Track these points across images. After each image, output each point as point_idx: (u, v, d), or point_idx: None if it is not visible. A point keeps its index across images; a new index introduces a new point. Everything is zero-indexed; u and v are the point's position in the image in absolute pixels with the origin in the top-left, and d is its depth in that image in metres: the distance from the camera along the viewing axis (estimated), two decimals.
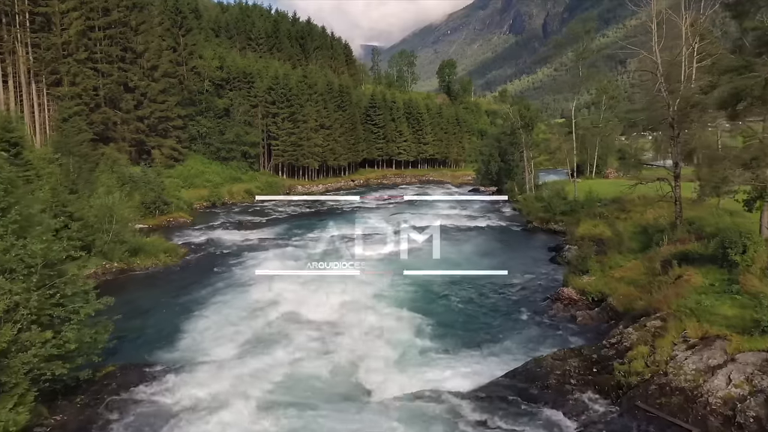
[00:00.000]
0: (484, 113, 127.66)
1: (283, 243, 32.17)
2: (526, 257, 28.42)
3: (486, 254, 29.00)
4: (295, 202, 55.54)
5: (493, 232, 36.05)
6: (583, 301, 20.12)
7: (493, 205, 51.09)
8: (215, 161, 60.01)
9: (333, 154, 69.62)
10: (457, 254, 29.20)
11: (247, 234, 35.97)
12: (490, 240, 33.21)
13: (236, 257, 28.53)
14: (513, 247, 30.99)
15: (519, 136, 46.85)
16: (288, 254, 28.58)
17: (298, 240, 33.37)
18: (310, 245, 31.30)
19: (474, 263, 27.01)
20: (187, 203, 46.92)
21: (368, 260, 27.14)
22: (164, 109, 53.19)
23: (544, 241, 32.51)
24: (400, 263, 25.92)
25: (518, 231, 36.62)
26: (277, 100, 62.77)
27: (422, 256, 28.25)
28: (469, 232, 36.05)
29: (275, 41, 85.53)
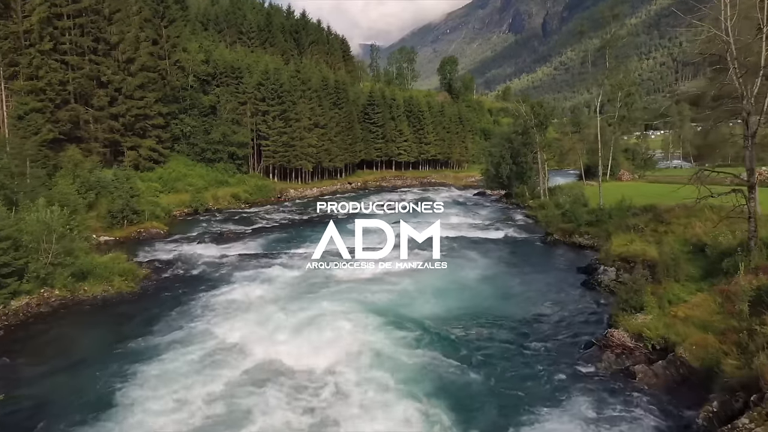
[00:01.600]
0: (486, 112, 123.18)
1: (265, 262, 27.49)
2: (551, 280, 23.80)
3: (502, 277, 24.35)
4: (285, 209, 50.94)
5: (508, 247, 31.42)
6: (640, 350, 15.49)
7: (504, 212, 46.49)
8: (200, 163, 55.29)
9: (328, 155, 64.95)
10: (468, 275, 24.62)
11: (226, 248, 31.30)
12: (506, 257, 28.55)
13: (206, 281, 23.88)
14: (534, 267, 26.34)
15: (532, 136, 42.27)
16: (266, 278, 23.90)
17: (283, 257, 28.72)
18: (294, 265, 26.65)
19: (489, 290, 22.44)
20: (165, 210, 42.28)
21: (361, 287, 22.59)
22: (142, 106, 48.46)
23: (569, 259, 27.89)
24: (399, 292, 21.38)
25: (537, 245, 31.98)
26: (268, 97, 58.08)
27: (424, 279, 23.72)
28: (481, 246, 31.40)
29: (268, 35, 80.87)
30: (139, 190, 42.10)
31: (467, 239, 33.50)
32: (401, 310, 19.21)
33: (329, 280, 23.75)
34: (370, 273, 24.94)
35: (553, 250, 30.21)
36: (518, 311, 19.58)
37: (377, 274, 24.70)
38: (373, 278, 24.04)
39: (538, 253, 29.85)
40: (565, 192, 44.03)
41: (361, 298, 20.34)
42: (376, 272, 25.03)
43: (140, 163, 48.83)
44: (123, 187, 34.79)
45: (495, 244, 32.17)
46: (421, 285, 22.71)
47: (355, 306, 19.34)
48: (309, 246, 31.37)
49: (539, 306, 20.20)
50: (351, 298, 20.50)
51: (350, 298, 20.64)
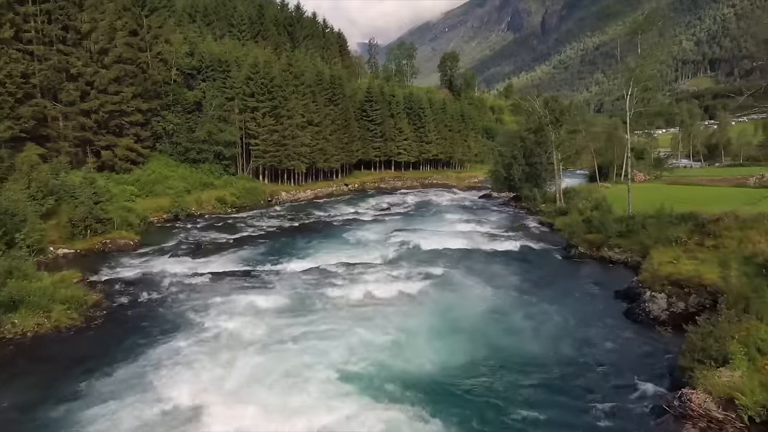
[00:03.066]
0: (489, 109, 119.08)
1: (244, 283, 23.24)
2: (584, 309, 19.62)
3: (523, 304, 20.14)
4: (275, 214, 46.74)
5: (526, 262, 27.24)
6: (733, 424, 11.42)
7: (515, 218, 42.35)
8: (184, 164, 51.03)
9: (323, 155, 60.72)
10: (481, 301, 20.49)
11: (202, 263, 27.08)
12: (524, 276, 24.33)
13: (168, 309, 19.66)
14: (560, 289, 22.13)
15: (547, 134, 38.15)
16: (242, 307, 19.66)
17: (266, 276, 24.49)
18: (278, 287, 22.42)
19: (508, 322, 18.27)
20: (141, 217, 38.05)
21: (352, 321, 18.45)
22: (118, 102, 44.14)
23: (602, 279, 23.74)
24: (397, 329, 17.20)
25: (558, 259, 27.82)
26: (257, 92, 53.80)
27: (427, 307, 19.64)
28: (493, 261, 27.26)
29: (260, 28, 76.53)
30: (110, 194, 37.99)
31: (477, 252, 29.37)
32: (398, 358, 15.05)
33: (316, 309, 19.53)
34: (364, 297, 20.82)
35: (579, 267, 26.03)
36: (550, 355, 15.49)
37: (372, 300, 20.57)
38: (367, 306, 19.88)
39: (563, 271, 25.65)
40: (583, 195, 40.01)
41: (352, 342, 16.13)
42: (372, 297, 20.92)
43: (116, 164, 44.59)
44: (85, 192, 30.49)
45: (509, 258, 28.01)
46: (424, 317, 18.55)
47: (341, 354, 15.17)
48: (297, 261, 27.27)
49: (576, 347, 16.09)
50: (339, 339, 16.34)
51: (338, 337, 16.47)
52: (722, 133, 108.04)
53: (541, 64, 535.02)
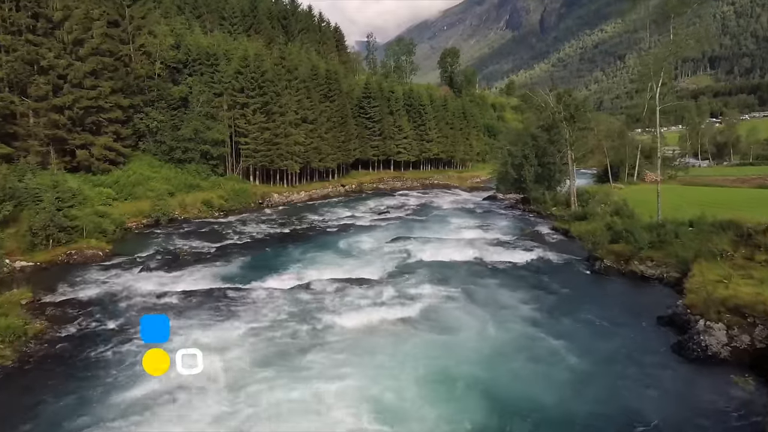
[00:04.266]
0: (490, 107, 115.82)
1: (220, 304, 19.87)
2: (621, 340, 16.29)
3: (547, 333, 16.81)
4: (266, 218, 43.41)
5: (544, 277, 23.89)
6: None
7: (525, 223, 39.07)
8: (168, 164, 47.59)
9: (318, 154, 57.31)
10: (496, 329, 17.19)
11: (176, 277, 23.77)
12: (544, 295, 21.01)
13: (124, 343, 16.27)
14: (588, 314, 18.67)
15: (561, 132, 34.87)
16: (212, 338, 16.34)
17: (247, 294, 21.09)
18: (259, 310, 19.09)
19: (533, 360, 14.98)
20: (117, 222, 34.63)
21: (342, 350, 15.25)
22: (94, 97, 40.65)
23: (637, 300, 20.47)
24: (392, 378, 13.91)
25: (582, 273, 24.51)
26: (247, 87, 50.36)
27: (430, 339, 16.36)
28: (506, 277, 23.94)
29: (253, 21, 73.08)
30: (83, 197, 34.72)
31: (485, 265, 26.07)
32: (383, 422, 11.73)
33: (298, 340, 16.24)
34: (355, 327, 17.53)
35: (606, 284, 22.71)
36: (582, 410, 12.22)
37: (365, 331, 17.27)
38: (358, 337, 16.58)
39: (588, 290, 22.30)
40: (600, 199, 36.73)
41: (339, 389, 12.86)
42: (365, 327, 17.62)
43: (93, 164, 41.14)
44: (47, 197, 27.08)
45: (523, 272, 24.69)
46: (427, 354, 15.21)
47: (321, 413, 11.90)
48: (285, 276, 23.95)
49: (617, 398, 12.88)
50: (324, 382, 13.08)
51: (324, 380, 13.22)
52: (731, 131, 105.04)
53: (539, 62, 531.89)
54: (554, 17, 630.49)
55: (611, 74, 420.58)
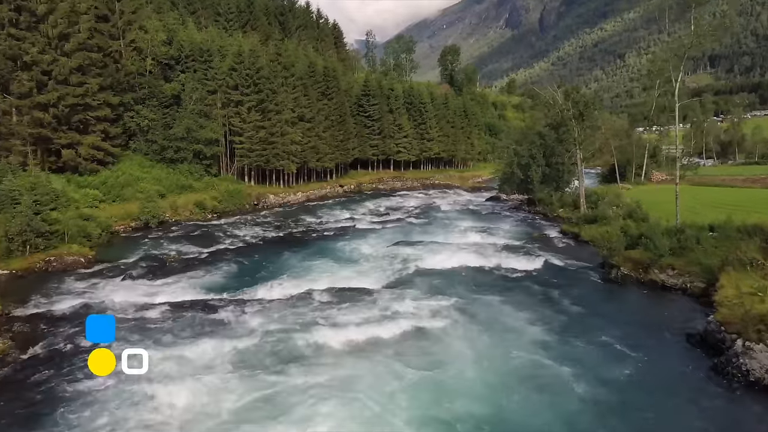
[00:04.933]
0: (491, 105, 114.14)
1: (205, 318, 18.13)
2: (649, 362, 14.58)
3: (564, 354, 15.09)
4: (261, 220, 41.71)
5: (555, 286, 22.16)
6: None
7: (531, 225, 37.41)
8: (159, 164, 45.86)
9: (315, 154, 55.58)
10: (506, 349, 15.49)
11: (159, 288, 22.09)
12: (557, 307, 19.32)
13: None
14: (607, 329, 16.89)
15: (571, 131, 33.19)
16: (193, 360, 14.65)
17: (236, 307, 19.35)
18: (246, 325, 17.40)
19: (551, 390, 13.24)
20: (103, 226, 32.95)
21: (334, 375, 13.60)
22: (81, 94, 38.92)
23: (660, 314, 18.76)
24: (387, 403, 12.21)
25: (596, 283, 22.82)
26: (242, 84, 48.60)
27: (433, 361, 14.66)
28: (514, 286, 22.27)
29: (249, 17, 71.28)
30: (67, 199, 33.04)
31: (492, 273, 24.44)
32: None
33: (288, 363, 14.56)
34: (351, 345, 15.90)
35: (625, 295, 21.03)
36: None
37: (359, 349, 15.65)
38: (351, 360, 14.92)
39: (605, 301, 20.59)
40: (610, 200, 35.05)
41: None
42: (359, 343, 16.03)
43: (80, 164, 39.43)
44: (24, 200, 25.35)
45: (533, 281, 22.98)
46: (422, 386, 13.48)
47: None
48: (277, 285, 22.19)
49: None
50: (301, 423, 11.39)
51: (300, 421, 11.52)
52: (736, 129, 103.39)
53: (539, 61, 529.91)
54: (554, 16, 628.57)
55: (611, 73, 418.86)
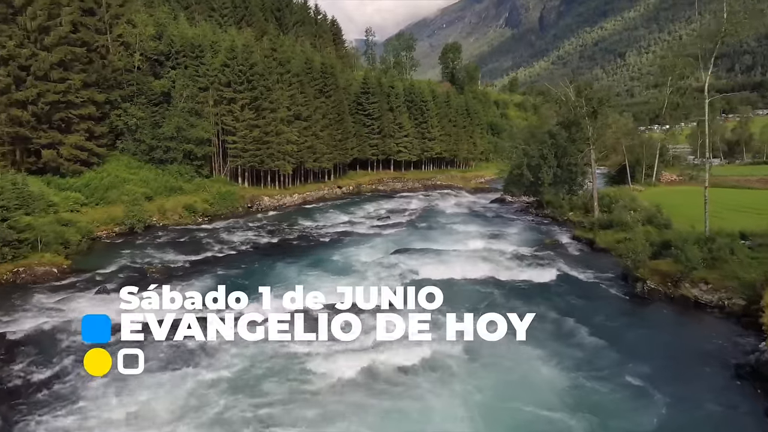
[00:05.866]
0: (493, 104, 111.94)
1: (177, 342, 15.95)
2: (692, 405, 12.37)
3: (591, 395, 12.95)
4: (255, 224, 39.51)
5: (575, 303, 19.98)
6: None
7: (540, 230, 35.23)
8: (148, 164, 43.62)
9: (312, 154, 53.35)
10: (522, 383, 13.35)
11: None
12: (579, 329, 17.09)
13: (60, 406, 12.41)
14: (639, 357, 14.75)
15: (584, 129, 31.00)
16: (164, 398, 12.49)
17: (215, 328, 17.10)
18: (227, 352, 15.24)
19: None
20: (84, 232, 30.77)
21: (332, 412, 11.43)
22: (63, 91, 36.68)
23: (698, 337, 16.57)
24: None
25: (621, 299, 20.60)
26: (234, 81, 46.33)
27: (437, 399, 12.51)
28: (530, 302, 20.00)
29: (244, 13, 69.00)
30: (46, 203, 30.89)
31: (502, 286, 22.23)
32: None
33: (273, 403, 12.39)
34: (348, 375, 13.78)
35: (654, 314, 18.79)
36: None
37: (359, 381, 13.51)
38: (351, 394, 12.77)
39: (633, 322, 18.30)
40: (626, 204, 32.80)
41: None
42: (359, 373, 13.93)
43: (62, 165, 37.20)
44: None
45: (548, 297, 20.75)
46: None
47: None
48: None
49: None
50: None
51: None
52: (743, 128, 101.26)
53: (539, 60, 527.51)
54: (554, 15, 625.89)
55: (611, 72, 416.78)
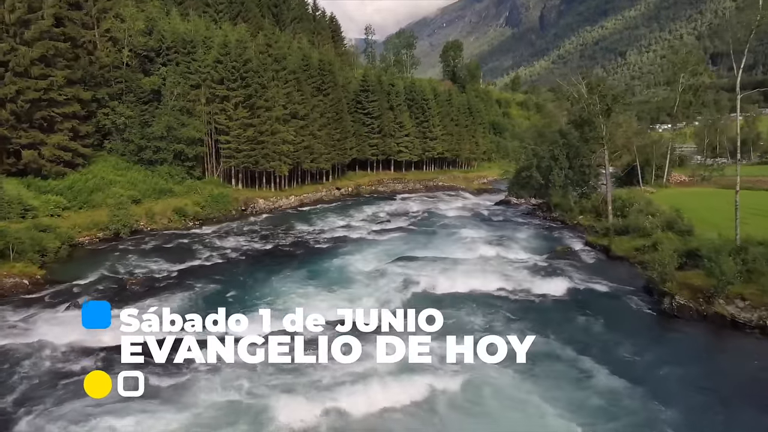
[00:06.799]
0: (495, 103, 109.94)
1: (147, 373, 13.98)
2: None
3: None
4: (248, 228, 37.56)
5: (595, 322, 17.99)
6: None
7: (549, 236, 33.24)
8: (137, 165, 41.66)
9: (310, 154, 51.33)
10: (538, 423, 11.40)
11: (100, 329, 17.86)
12: (595, 362, 15.06)
13: None
14: (675, 398, 12.83)
15: (598, 128, 29.05)
16: None
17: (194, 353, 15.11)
18: (203, 387, 13.29)
19: None
20: (64, 238, 28.82)
21: None
22: (44, 89, 34.75)
23: (740, 363, 14.62)
24: None
25: (646, 315, 18.60)
26: (227, 78, 44.32)
27: None
28: (545, 320, 18.12)
29: (240, 8, 66.91)
30: (22, 207, 28.95)
31: (514, 300, 20.42)
32: None
33: None
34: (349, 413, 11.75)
35: (687, 337, 16.72)
36: None
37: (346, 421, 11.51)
38: None
39: (662, 347, 16.18)
40: (641, 207, 30.77)
41: None
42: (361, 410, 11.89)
43: (44, 166, 35.25)
44: None
45: (564, 314, 18.78)
46: None
47: None
48: (253, 320, 17.83)
49: None
50: None
51: None
52: (751, 127, 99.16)
53: (539, 59, 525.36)
54: (554, 14, 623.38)
55: (612, 71, 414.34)
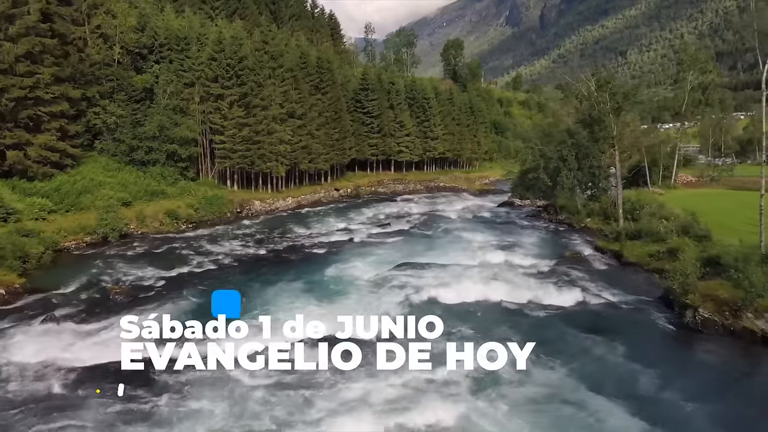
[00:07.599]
0: (496, 102, 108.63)
1: (117, 400, 12.64)
2: None
3: None
4: (243, 232, 36.22)
5: (612, 337, 16.55)
6: None
7: (556, 240, 31.87)
8: (128, 166, 40.30)
9: (308, 155, 49.95)
10: None
11: (83, 337, 16.56)
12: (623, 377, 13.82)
13: None
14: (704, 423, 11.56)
15: (608, 127, 27.69)
16: None
17: (173, 375, 13.85)
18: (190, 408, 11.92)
19: None
20: (48, 243, 27.48)
21: None
22: (30, 86, 33.37)
23: None
24: None
25: (665, 330, 17.20)
26: (222, 76, 42.93)
27: None
28: (560, 336, 16.72)
29: (237, 5, 65.58)
30: (8, 211, 27.61)
31: (523, 312, 19.02)
32: None
33: None
34: None
35: (713, 354, 15.32)
36: None
37: None
38: None
39: (687, 365, 14.87)
40: (653, 210, 29.39)
41: None
42: None
43: (30, 167, 33.86)
44: None
45: (577, 329, 17.28)
46: None
47: None
48: (241, 336, 16.42)
49: None
50: None
51: None
52: (756, 126, 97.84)
53: (540, 59, 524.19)
54: (554, 13, 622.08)
55: (612, 70, 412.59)
